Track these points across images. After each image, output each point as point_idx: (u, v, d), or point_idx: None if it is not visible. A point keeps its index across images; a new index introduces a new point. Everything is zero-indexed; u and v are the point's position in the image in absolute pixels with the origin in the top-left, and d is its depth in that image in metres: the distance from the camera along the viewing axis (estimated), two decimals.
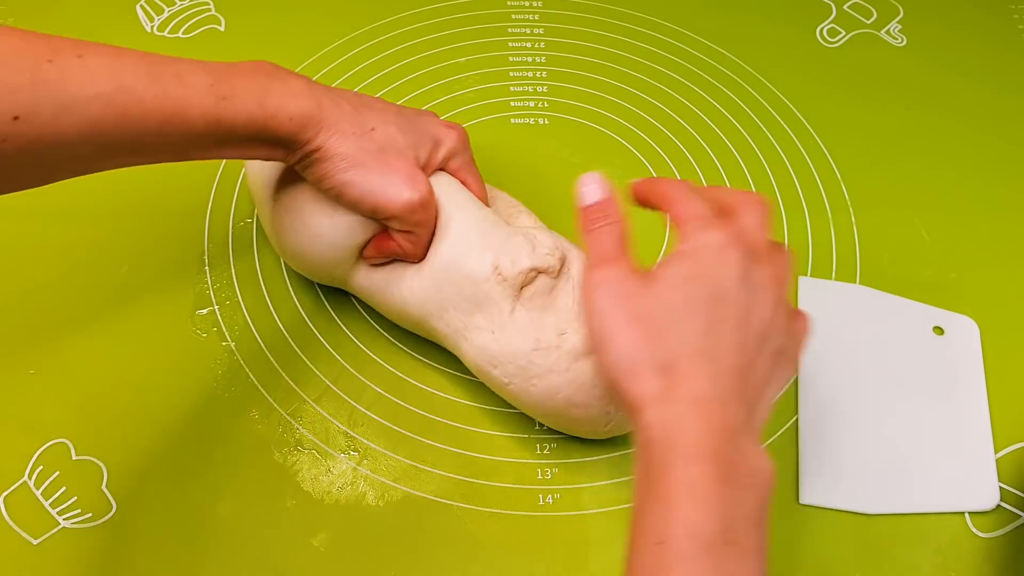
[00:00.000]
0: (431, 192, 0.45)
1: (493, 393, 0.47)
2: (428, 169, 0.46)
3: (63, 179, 0.38)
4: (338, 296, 0.52)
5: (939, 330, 0.51)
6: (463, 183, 0.48)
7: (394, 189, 0.43)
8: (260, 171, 0.50)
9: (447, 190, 0.47)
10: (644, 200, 0.43)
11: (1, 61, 0.34)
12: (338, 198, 0.44)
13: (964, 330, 0.51)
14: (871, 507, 0.45)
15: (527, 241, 0.44)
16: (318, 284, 0.52)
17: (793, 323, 0.37)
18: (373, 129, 0.44)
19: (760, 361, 0.35)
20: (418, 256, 0.46)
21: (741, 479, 0.32)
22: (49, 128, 0.35)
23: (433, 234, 0.46)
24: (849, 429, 0.48)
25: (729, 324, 0.35)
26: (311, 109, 0.42)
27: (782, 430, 0.48)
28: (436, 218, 0.46)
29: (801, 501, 0.45)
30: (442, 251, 0.45)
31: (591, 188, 0.41)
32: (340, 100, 0.44)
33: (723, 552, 0.30)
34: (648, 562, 0.31)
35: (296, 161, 0.43)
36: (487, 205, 0.49)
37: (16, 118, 0.34)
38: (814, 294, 0.53)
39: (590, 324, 0.37)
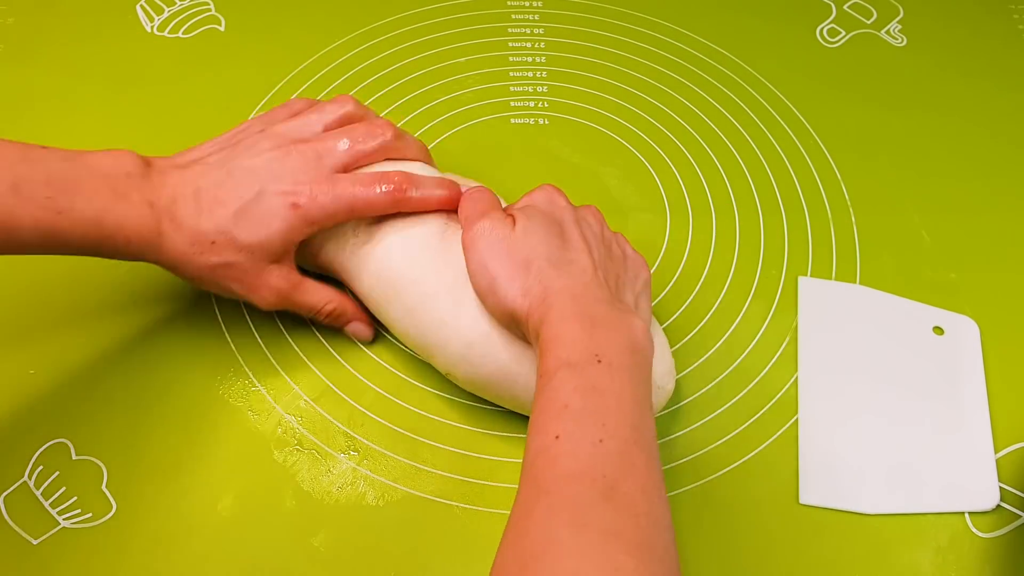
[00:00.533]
0: (290, 280, 0.46)
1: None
2: (324, 197, 0.45)
3: None
4: None
5: (939, 330, 0.51)
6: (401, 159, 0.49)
7: (255, 297, 0.46)
8: None
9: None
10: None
11: None
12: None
13: (964, 330, 0.51)
14: (871, 507, 0.45)
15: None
16: None
17: (617, 237, 0.48)
18: (213, 243, 0.43)
19: (610, 262, 0.44)
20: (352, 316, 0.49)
21: (606, 325, 0.39)
22: None
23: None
24: (849, 429, 0.48)
25: (575, 239, 0.43)
26: (149, 234, 0.42)
27: (782, 430, 0.48)
28: (309, 289, 0.47)
29: (801, 501, 0.45)
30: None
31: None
32: (179, 214, 0.43)
33: (592, 367, 0.37)
34: (538, 389, 0.38)
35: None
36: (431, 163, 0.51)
37: None
38: (814, 294, 0.53)
39: (479, 271, 0.42)
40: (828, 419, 0.48)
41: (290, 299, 0.46)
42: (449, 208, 0.47)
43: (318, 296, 0.48)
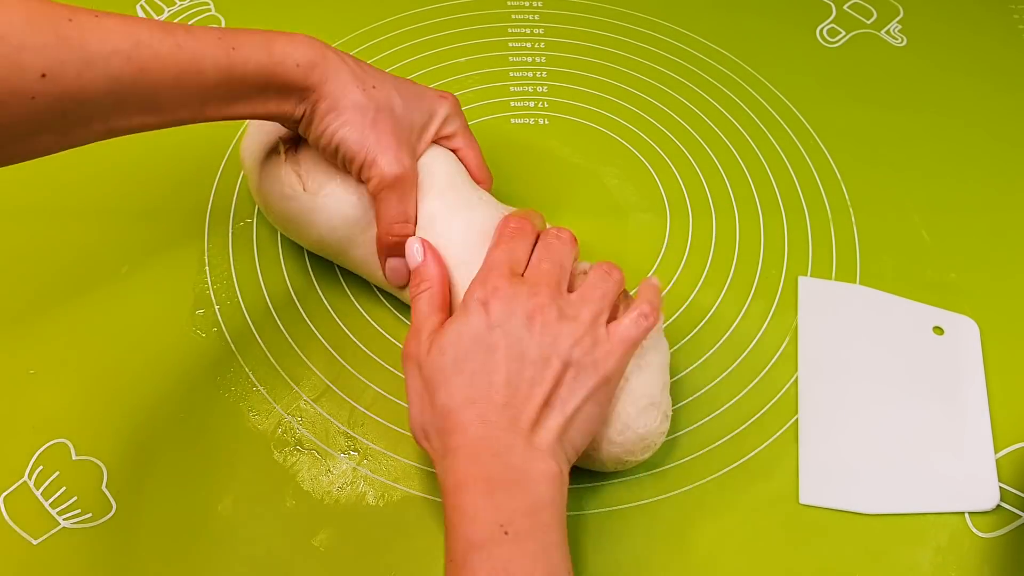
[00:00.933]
0: (413, 171, 0.47)
1: None
2: (423, 142, 0.48)
3: (83, 142, 0.40)
4: (339, 295, 0.52)
5: (939, 330, 0.51)
6: (458, 152, 0.50)
7: (384, 158, 0.45)
8: (255, 142, 0.51)
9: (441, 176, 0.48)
10: None
11: (26, 22, 0.35)
12: (334, 154, 0.46)
13: (964, 330, 0.51)
14: (871, 507, 0.45)
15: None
16: (318, 284, 0.52)
17: (595, 331, 0.41)
18: (374, 87, 0.45)
19: (539, 387, 0.39)
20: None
21: (507, 485, 0.37)
22: (74, 84, 0.37)
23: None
24: (849, 429, 0.48)
25: (494, 366, 0.39)
26: (316, 57, 0.44)
27: (782, 430, 0.48)
28: (413, 196, 0.47)
29: (801, 501, 0.45)
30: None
31: (413, 251, 0.46)
32: (343, 55, 0.45)
33: (500, 545, 0.35)
34: (447, 572, 0.36)
35: (300, 116, 0.45)
36: (484, 168, 0.51)
37: (43, 75, 0.36)
38: (814, 294, 0.53)
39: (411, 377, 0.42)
40: (828, 419, 0.48)
41: (402, 185, 0.46)
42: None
43: (412, 206, 0.47)
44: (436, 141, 0.50)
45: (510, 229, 0.45)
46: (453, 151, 0.50)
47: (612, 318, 0.42)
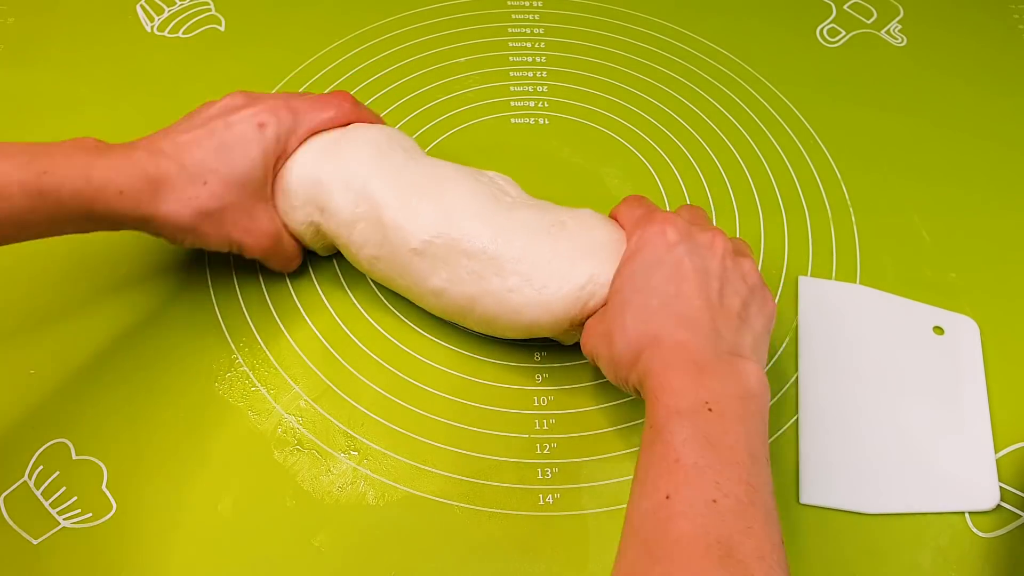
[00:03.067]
0: (276, 227, 0.48)
1: (493, 393, 0.48)
2: (268, 183, 0.48)
3: None
4: (339, 295, 0.52)
5: (939, 330, 0.51)
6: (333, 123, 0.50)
7: (249, 239, 0.47)
8: None
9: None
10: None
11: None
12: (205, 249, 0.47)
13: (964, 330, 0.51)
14: (871, 507, 0.45)
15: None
16: (318, 283, 0.53)
17: (741, 266, 0.42)
18: (205, 182, 0.45)
19: (727, 300, 0.40)
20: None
21: (717, 373, 0.37)
22: None
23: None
24: (849, 429, 0.48)
25: (689, 277, 0.40)
26: (139, 183, 0.42)
27: (782, 430, 0.48)
28: (289, 243, 0.50)
29: (801, 501, 0.45)
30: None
31: None
32: (164, 162, 0.44)
33: (703, 416, 0.35)
34: (647, 440, 0.36)
35: (152, 234, 0.45)
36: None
37: None
38: (814, 294, 0.53)
39: (617, 296, 0.42)
40: (828, 419, 0.48)
41: (277, 245, 0.48)
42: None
43: (292, 245, 0.50)
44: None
45: (635, 197, 0.47)
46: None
47: None
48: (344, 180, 0.48)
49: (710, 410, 0.35)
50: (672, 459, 0.34)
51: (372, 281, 0.52)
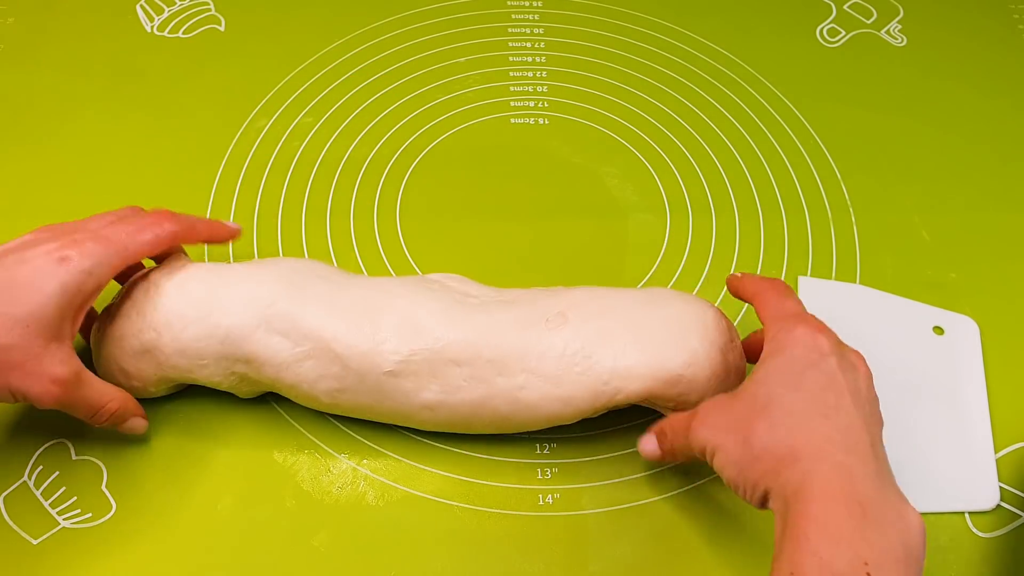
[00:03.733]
0: (72, 370, 0.40)
1: None
2: (83, 311, 0.41)
3: None
4: None
5: (939, 330, 0.51)
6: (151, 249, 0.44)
7: (36, 390, 0.39)
8: None
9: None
10: (736, 294, 0.45)
11: None
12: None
13: (964, 330, 0.51)
14: None
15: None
16: None
17: (875, 394, 0.39)
18: None
19: (875, 427, 0.37)
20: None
21: (880, 520, 0.32)
22: None
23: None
24: None
25: (845, 399, 0.36)
26: None
27: None
28: (88, 380, 0.42)
29: None
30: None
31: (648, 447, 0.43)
32: None
33: None
34: None
35: None
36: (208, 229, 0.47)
37: None
38: (814, 294, 0.53)
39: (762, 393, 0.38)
40: None
41: (74, 393, 0.40)
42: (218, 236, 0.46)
43: (101, 392, 0.42)
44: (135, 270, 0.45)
45: (779, 285, 0.43)
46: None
47: None
48: (266, 323, 0.43)
49: (868, 574, 0.30)
50: None
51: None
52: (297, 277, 0.45)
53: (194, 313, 0.43)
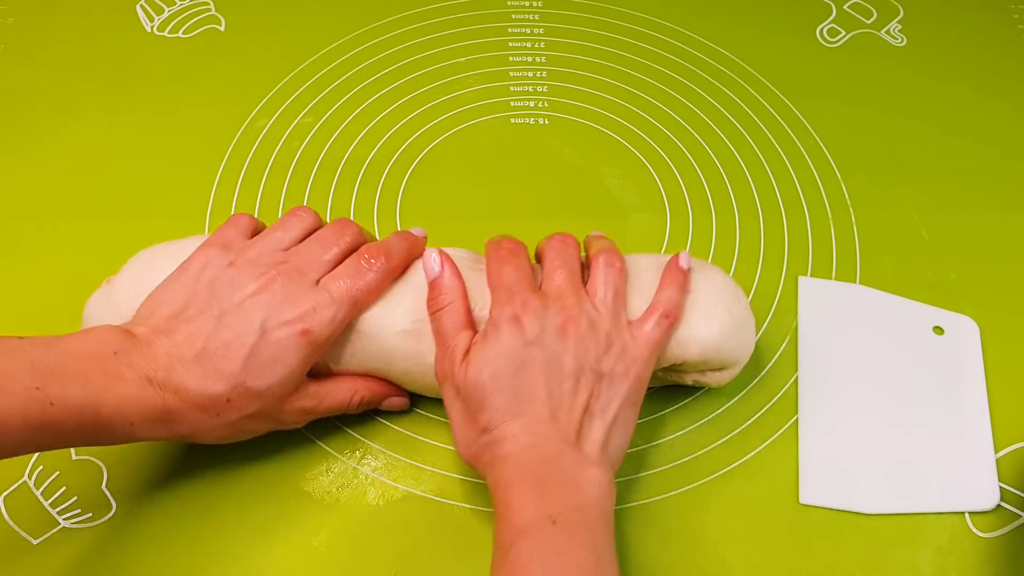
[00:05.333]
0: (310, 406, 0.43)
1: None
2: (326, 343, 0.42)
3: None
4: None
5: (939, 330, 0.51)
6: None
7: (286, 425, 0.43)
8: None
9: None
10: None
11: None
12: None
13: (964, 330, 0.51)
14: (871, 507, 0.45)
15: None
16: None
17: (622, 337, 0.42)
18: (229, 400, 0.39)
19: (579, 397, 0.40)
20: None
21: (555, 482, 0.37)
22: None
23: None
24: (849, 429, 0.48)
25: (533, 381, 0.40)
26: (155, 412, 0.38)
27: (782, 430, 0.48)
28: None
29: (801, 501, 0.45)
30: None
31: (430, 262, 0.44)
32: (188, 377, 0.38)
33: (547, 530, 0.36)
34: (495, 563, 0.36)
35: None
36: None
37: None
38: (814, 294, 0.53)
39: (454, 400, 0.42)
40: (828, 419, 0.48)
41: (318, 411, 0.44)
42: (417, 255, 0.45)
43: (342, 393, 0.44)
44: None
45: (506, 250, 0.44)
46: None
47: None
48: None
49: (553, 523, 0.36)
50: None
51: None
52: None
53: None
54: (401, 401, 0.47)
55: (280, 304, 0.40)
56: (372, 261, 0.43)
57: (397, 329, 0.43)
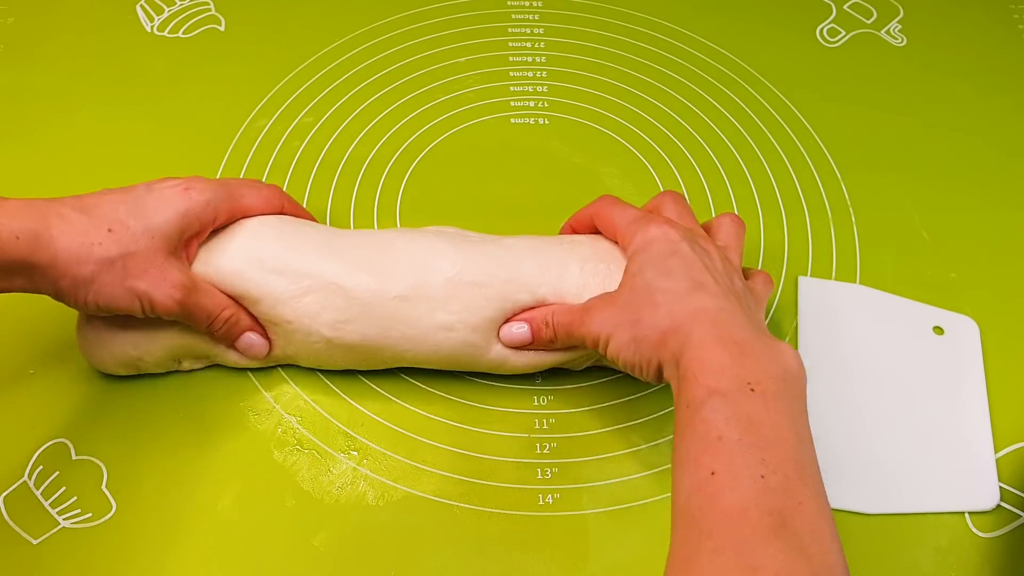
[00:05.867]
0: (190, 279, 0.44)
1: (492, 393, 0.48)
2: (185, 247, 0.45)
3: None
4: None
5: (939, 330, 0.51)
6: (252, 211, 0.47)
7: (158, 294, 0.42)
8: None
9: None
10: (579, 229, 0.49)
11: None
12: (112, 311, 0.43)
13: (964, 330, 0.51)
14: (871, 507, 0.45)
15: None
16: None
17: (733, 264, 0.44)
18: (110, 230, 0.41)
19: (737, 287, 0.41)
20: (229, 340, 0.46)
21: (757, 353, 0.36)
22: None
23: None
24: (849, 429, 0.48)
25: (705, 275, 0.40)
26: (35, 226, 0.39)
27: None
28: (210, 290, 0.45)
29: None
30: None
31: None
32: (64, 209, 0.41)
33: (745, 396, 0.34)
34: (684, 420, 0.35)
35: (52, 294, 0.42)
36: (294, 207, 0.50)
37: None
38: (814, 294, 0.53)
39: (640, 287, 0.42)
40: (828, 420, 0.48)
41: (191, 298, 0.43)
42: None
43: (217, 299, 0.45)
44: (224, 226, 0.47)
45: (608, 199, 0.47)
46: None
47: None
48: (260, 263, 0.45)
49: (752, 390, 0.35)
50: (714, 437, 0.34)
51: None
52: (288, 227, 0.47)
53: (201, 256, 0.45)
54: (262, 342, 0.47)
55: (172, 179, 0.45)
56: (270, 189, 0.49)
57: (394, 294, 0.44)
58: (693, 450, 0.34)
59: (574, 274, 0.45)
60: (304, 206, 0.52)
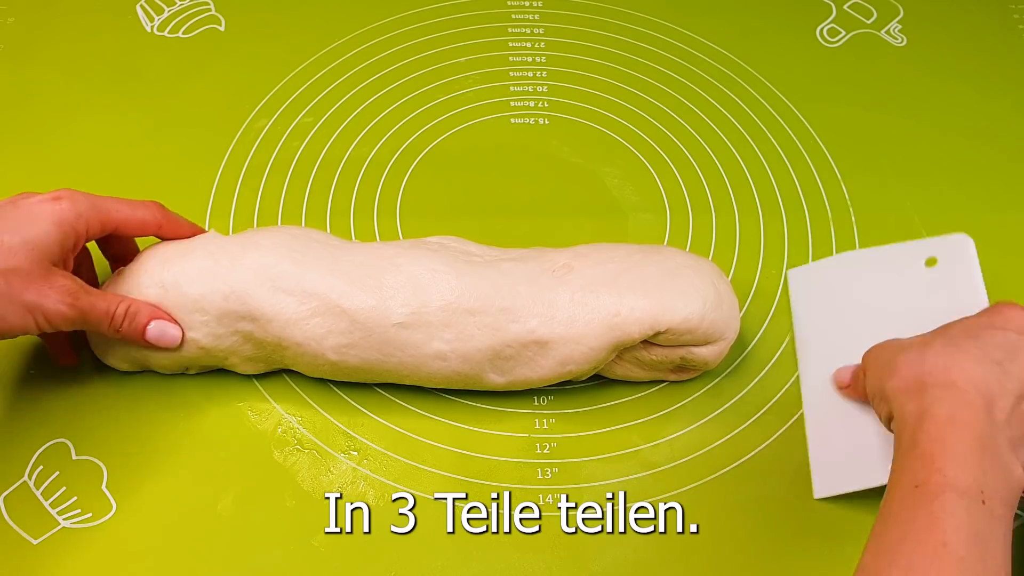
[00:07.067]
0: (73, 287, 0.42)
1: (492, 393, 0.48)
2: (73, 253, 0.44)
3: None
4: None
5: (932, 261, 0.48)
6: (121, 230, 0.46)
7: (47, 302, 0.41)
8: None
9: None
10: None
11: None
12: (3, 337, 0.41)
13: (958, 250, 0.48)
14: (884, 478, 0.43)
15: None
16: None
17: None
18: None
19: (1013, 398, 0.37)
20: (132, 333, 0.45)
21: (994, 459, 0.35)
22: None
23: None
24: (852, 409, 0.46)
25: (1016, 365, 0.37)
26: None
27: (783, 429, 0.48)
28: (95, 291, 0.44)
29: (816, 496, 0.45)
30: None
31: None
32: None
33: (976, 506, 0.33)
34: (906, 501, 0.34)
35: None
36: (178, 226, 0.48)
37: None
38: (803, 281, 0.53)
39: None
40: (832, 406, 0.47)
41: (84, 301, 0.42)
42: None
43: (109, 297, 0.44)
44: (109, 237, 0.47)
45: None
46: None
47: None
48: (271, 283, 0.45)
49: (983, 503, 0.33)
50: (939, 542, 0.33)
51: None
52: (296, 243, 0.47)
53: (200, 273, 0.45)
54: (174, 329, 0.45)
55: (36, 194, 0.43)
56: (145, 204, 0.47)
57: (394, 321, 0.44)
58: (909, 542, 0.33)
59: (563, 305, 0.45)
60: (304, 206, 0.52)
